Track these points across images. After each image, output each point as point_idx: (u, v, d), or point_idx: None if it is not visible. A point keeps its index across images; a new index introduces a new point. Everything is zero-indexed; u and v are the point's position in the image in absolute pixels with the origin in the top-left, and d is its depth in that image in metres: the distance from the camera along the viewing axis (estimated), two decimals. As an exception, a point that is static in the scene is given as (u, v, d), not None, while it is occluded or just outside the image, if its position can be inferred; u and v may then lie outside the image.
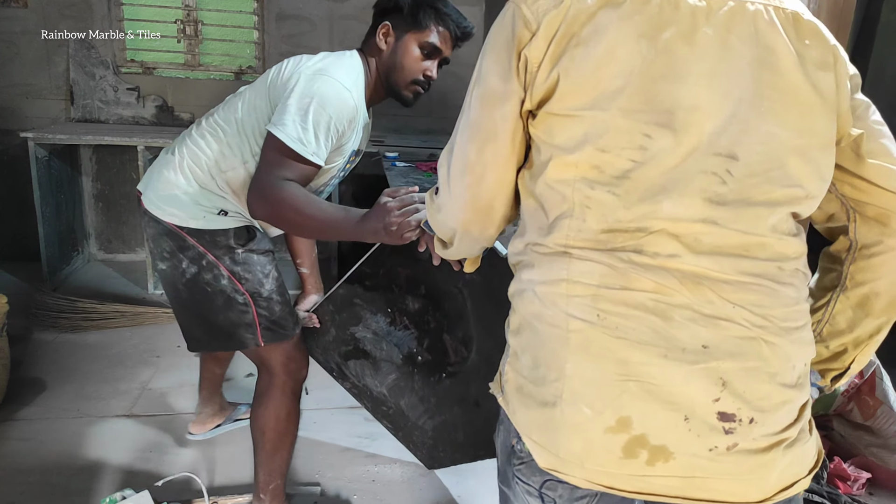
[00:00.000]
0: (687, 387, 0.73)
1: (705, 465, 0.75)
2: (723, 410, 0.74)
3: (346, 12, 3.85)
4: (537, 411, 0.80)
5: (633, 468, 0.75)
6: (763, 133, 0.76)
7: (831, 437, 2.24)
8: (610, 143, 0.75)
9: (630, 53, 0.74)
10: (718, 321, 0.74)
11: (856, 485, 2.06)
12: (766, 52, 0.76)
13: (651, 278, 0.74)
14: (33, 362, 2.70)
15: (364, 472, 2.12)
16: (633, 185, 0.75)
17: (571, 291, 0.77)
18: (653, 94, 0.74)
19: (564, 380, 0.77)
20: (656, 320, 0.74)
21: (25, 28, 3.61)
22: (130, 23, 3.73)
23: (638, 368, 0.74)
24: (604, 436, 0.75)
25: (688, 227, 0.74)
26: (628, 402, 0.74)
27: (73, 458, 2.09)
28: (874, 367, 2.17)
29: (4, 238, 3.82)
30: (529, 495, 0.84)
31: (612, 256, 0.76)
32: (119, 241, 4.05)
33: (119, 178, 3.93)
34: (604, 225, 0.76)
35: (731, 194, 0.74)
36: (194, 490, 1.93)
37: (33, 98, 3.73)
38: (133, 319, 3.13)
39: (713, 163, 0.74)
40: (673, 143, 0.74)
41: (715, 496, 0.76)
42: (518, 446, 0.84)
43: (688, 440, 0.74)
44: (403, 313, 1.82)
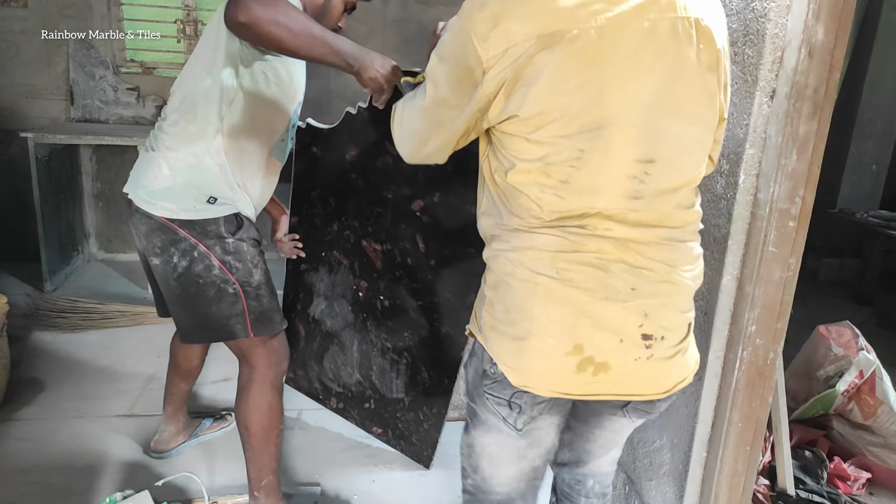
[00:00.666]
0: (622, 319, 1.02)
1: (631, 372, 1.05)
2: (645, 332, 1.04)
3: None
4: (510, 344, 1.07)
5: (583, 379, 1.04)
6: (674, 133, 1.00)
7: (831, 437, 2.24)
8: (554, 158, 0.98)
9: (564, 89, 0.94)
10: (641, 270, 1.02)
11: (856, 485, 2.06)
12: (677, 63, 0.96)
13: (593, 244, 1.01)
14: (33, 362, 2.70)
15: (364, 472, 2.12)
16: (572, 188, 0.99)
17: (536, 256, 1.03)
18: (584, 120, 0.95)
19: (533, 320, 1.04)
20: (599, 273, 1.01)
21: (25, 28, 3.61)
22: (130, 23, 3.73)
23: (587, 308, 1.02)
24: (563, 358, 1.03)
25: (616, 211, 1.00)
26: (580, 333, 1.02)
27: (73, 457, 2.09)
28: (874, 366, 2.17)
29: (4, 238, 3.82)
30: (499, 405, 1.13)
31: (564, 231, 1.02)
32: (119, 241, 4.05)
33: (119, 177, 3.93)
34: (554, 214, 1.02)
35: (647, 189, 1.00)
36: (194, 490, 1.94)
37: (33, 98, 3.73)
38: (133, 319, 3.13)
39: (634, 169, 0.99)
40: (602, 155, 0.97)
41: (634, 392, 1.08)
42: (491, 370, 1.11)
43: (621, 356, 1.04)
44: (335, 249, 2.07)
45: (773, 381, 1.45)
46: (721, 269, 1.42)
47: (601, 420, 1.25)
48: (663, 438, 1.68)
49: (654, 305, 1.04)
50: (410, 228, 1.88)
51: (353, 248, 2.02)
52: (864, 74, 4.27)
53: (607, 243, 1.01)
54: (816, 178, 1.32)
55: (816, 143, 1.29)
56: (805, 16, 1.22)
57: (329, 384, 2.28)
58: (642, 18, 0.94)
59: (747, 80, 1.33)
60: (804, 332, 2.50)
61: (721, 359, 1.47)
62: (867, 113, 4.30)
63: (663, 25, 0.95)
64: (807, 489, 2.00)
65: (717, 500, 1.52)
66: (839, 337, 2.32)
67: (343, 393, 2.26)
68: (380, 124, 1.74)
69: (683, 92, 0.98)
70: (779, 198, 1.31)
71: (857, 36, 4.30)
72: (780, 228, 1.33)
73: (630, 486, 1.87)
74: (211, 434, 2.24)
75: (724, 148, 1.41)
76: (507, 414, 1.13)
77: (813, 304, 3.94)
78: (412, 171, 1.79)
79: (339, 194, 1.98)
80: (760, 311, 1.38)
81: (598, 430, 1.29)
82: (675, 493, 1.61)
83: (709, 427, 1.52)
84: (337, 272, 2.10)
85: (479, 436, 1.21)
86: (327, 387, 2.29)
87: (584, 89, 0.94)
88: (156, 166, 1.57)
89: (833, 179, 4.42)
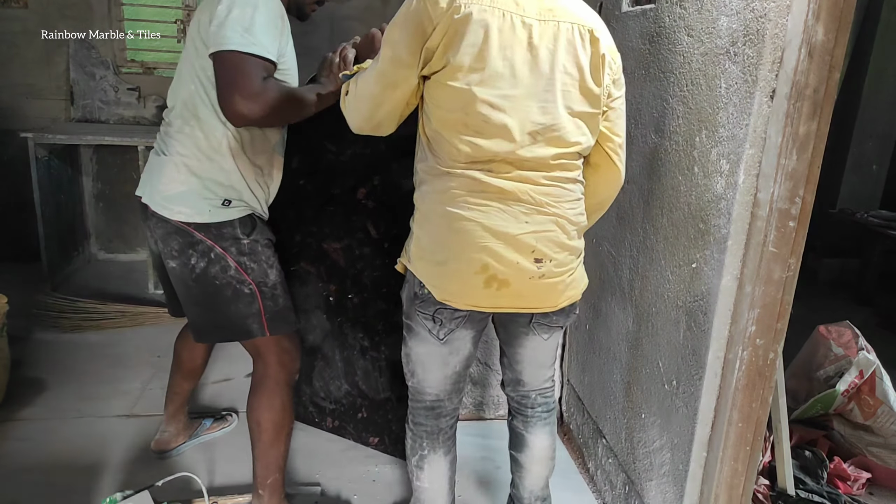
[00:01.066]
0: (518, 244, 1.31)
1: (527, 288, 1.34)
2: (537, 257, 1.32)
3: (347, 13, 3.85)
4: (434, 268, 1.37)
5: (489, 294, 1.34)
6: (560, 112, 1.28)
7: (831, 437, 2.24)
8: (470, 109, 1.24)
9: (489, 55, 1.21)
10: (535, 206, 1.31)
11: (856, 485, 2.06)
12: (569, 58, 1.27)
13: (496, 184, 1.29)
14: (33, 362, 2.70)
15: (364, 472, 2.12)
16: (482, 137, 1.26)
17: (452, 195, 1.31)
18: (498, 85, 1.23)
19: (449, 248, 1.33)
20: (502, 206, 1.30)
21: (25, 28, 3.61)
22: (130, 23, 3.73)
23: (492, 236, 1.30)
24: (473, 276, 1.32)
25: (516, 156, 1.28)
26: (486, 257, 1.30)
27: (73, 458, 2.09)
28: (874, 366, 2.17)
29: (4, 238, 3.82)
30: (426, 319, 1.43)
31: (474, 172, 1.29)
32: (119, 241, 4.05)
33: (119, 177, 3.93)
34: (469, 158, 1.29)
35: (542, 142, 1.28)
36: (194, 490, 1.94)
37: (33, 98, 3.73)
38: (133, 319, 3.13)
39: (532, 128, 1.27)
40: (505, 116, 1.25)
41: (531, 305, 1.39)
42: (420, 291, 1.41)
43: (518, 274, 1.32)
44: (301, 260, 2.12)
45: (773, 381, 1.45)
46: (721, 269, 1.42)
47: (518, 339, 1.56)
48: (663, 438, 1.68)
49: (543, 235, 1.32)
50: (360, 217, 1.97)
51: (317, 253, 2.08)
52: (864, 74, 4.27)
53: (509, 182, 1.29)
54: (816, 178, 1.32)
55: (816, 143, 1.29)
56: (805, 16, 1.22)
57: (321, 403, 2.30)
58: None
59: (747, 80, 1.33)
60: (804, 332, 2.50)
61: (721, 359, 1.47)
62: (867, 113, 4.30)
63: (567, 26, 1.28)
64: (807, 489, 2.00)
65: (717, 500, 1.52)
66: (839, 337, 2.32)
67: (336, 409, 2.27)
68: (318, 126, 1.78)
69: (570, 84, 1.30)
70: (779, 198, 1.31)
71: (857, 36, 4.30)
72: (780, 228, 1.33)
73: (630, 487, 1.87)
74: (211, 434, 2.24)
75: (724, 148, 1.41)
76: (431, 326, 1.44)
77: (813, 304, 3.94)
78: (352, 162, 1.91)
79: (295, 205, 2.02)
80: (760, 311, 1.38)
81: (519, 349, 1.59)
82: (675, 493, 1.61)
83: (709, 427, 1.52)
84: (307, 283, 2.14)
85: (414, 346, 1.52)
86: (321, 407, 2.31)
87: (502, 61, 1.24)
88: (169, 171, 1.58)
89: (833, 179, 4.42)
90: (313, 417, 2.34)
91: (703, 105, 1.50)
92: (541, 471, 1.70)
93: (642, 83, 1.80)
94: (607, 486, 2.04)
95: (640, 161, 1.81)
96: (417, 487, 1.64)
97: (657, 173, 1.72)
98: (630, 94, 1.87)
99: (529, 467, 1.70)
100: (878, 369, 2.17)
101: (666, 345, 1.67)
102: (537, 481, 1.71)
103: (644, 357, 1.80)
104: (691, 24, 1.55)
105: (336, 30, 3.87)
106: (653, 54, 1.74)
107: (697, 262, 1.52)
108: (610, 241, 2.03)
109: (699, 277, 1.51)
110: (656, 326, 1.73)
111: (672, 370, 1.64)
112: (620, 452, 1.96)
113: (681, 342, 1.60)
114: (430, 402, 1.57)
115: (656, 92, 1.72)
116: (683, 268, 1.59)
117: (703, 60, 1.49)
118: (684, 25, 1.58)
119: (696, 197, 1.52)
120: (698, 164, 1.51)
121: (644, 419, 1.80)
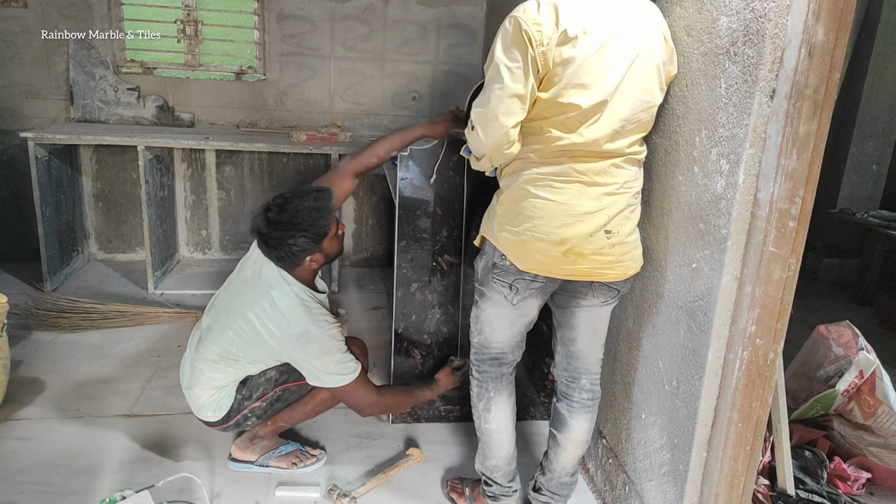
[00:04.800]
0: (593, 221, 1.52)
1: (599, 259, 1.56)
2: (608, 229, 1.54)
3: (347, 13, 3.85)
4: (516, 240, 1.58)
5: (567, 263, 1.56)
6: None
7: (831, 437, 2.24)
8: (571, 119, 1.47)
9: (585, 72, 1.43)
10: (607, 186, 1.53)
11: (856, 485, 2.06)
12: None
13: (578, 169, 1.51)
14: (33, 362, 2.70)
15: (364, 472, 2.12)
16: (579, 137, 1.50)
17: (537, 179, 1.54)
18: (591, 97, 1.44)
19: (534, 225, 1.54)
20: (579, 191, 1.52)
21: (25, 28, 3.61)
22: (130, 23, 3.73)
23: (571, 215, 1.52)
24: (552, 248, 1.54)
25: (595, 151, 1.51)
26: (565, 231, 1.52)
27: (72, 458, 2.09)
28: (874, 366, 2.17)
29: (4, 238, 3.82)
30: (503, 286, 1.65)
31: (559, 161, 1.53)
32: (119, 241, 4.05)
33: (119, 178, 3.93)
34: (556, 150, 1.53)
35: (617, 136, 1.50)
36: (194, 490, 1.94)
37: (33, 98, 3.73)
38: (133, 319, 3.13)
39: (616, 125, 1.48)
40: (599, 118, 1.47)
41: (602, 277, 1.60)
42: (500, 262, 1.63)
43: (592, 247, 1.54)
44: (445, 253, 2.28)
45: (773, 381, 1.45)
46: (721, 269, 1.42)
47: (576, 299, 1.70)
48: (663, 438, 1.68)
49: (615, 214, 1.54)
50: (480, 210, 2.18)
51: (459, 246, 2.27)
52: (864, 74, 4.27)
53: (586, 169, 1.51)
54: (816, 178, 1.32)
55: (816, 143, 1.29)
56: (805, 16, 1.22)
57: (450, 394, 2.37)
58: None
59: (747, 80, 1.33)
60: (804, 332, 2.50)
61: (721, 359, 1.47)
62: (867, 113, 4.30)
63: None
64: (807, 489, 2.00)
65: (717, 500, 1.52)
66: (839, 337, 2.32)
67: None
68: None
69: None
70: (779, 198, 1.31)
71: (857, 36, 4.30)
72: (780, 228, 1.33)
73: (630, 486, 1.87)
74: (276, 469, 2.11)
75: (724, 148, 1.41)
76: (507, 293, 1.65)
77: (813, 304, 3.94)
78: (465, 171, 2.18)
79: (445, 201, 2.22)
80: (760, 311, 1.38)
81: (576, 311, 1.72)
82: (675, 493, 1.61)
83: (709, 427, 1.52)
84: (448, 276, 2.29)
85: (486, 308, 1.74)
86: (448, 397, 2.39)
87: (590, 76, 1.45)
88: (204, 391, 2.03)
89: (833, 179, 4.42)
90: (440, 413, 2.43)
91: (703, 105, 1.50)
92: (575, 451, 1.83)
93: (642, 83, 1.80)
94: (607, 487, 2.04)
95: (640, 161, 1.81)
96: (485, 431, 1.83)
97: (657, 173, 1.72)
98: (630, 94, 1.87)
99: (566, 446, 1.82)
100: (878, 369, 2.17)
101: (666, 345, 1.67)
102: (570, 460, 1.84)
103: (644, 357, 1.80)
104: (691, 24, 1.55)
105: (336, 30, 3.87)
106: (653, 54, 1.74)
107: (697, 262, 1.52)
108: (610, 241, 2.03)
109: (699, 277, 1.51)
110: (656, 326, 1.73)
111: (672, 370, 1.64)
112: (620, 452, 1.96)
113: (681, 342, 1.60)
114: (496, 354, 1.79)
115: (656, 92, 1.72)
116: (683, 268, 1.58)
117: (703, 60, 1.49)
118: (684, 25, 1.58)
119: (696, 197, 1.52)
120: (698, 164, 1.51)
121: (644, 419, 1.80)
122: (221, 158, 3.98)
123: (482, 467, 1.89)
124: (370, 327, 3.28)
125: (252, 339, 1.90)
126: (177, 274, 3.87)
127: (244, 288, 1.94)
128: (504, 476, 1.87)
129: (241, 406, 1.98)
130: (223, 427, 2.02)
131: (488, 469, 1.87)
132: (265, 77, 3.92)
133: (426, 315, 2.31)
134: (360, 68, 3.96)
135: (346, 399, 1.95)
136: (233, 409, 1.97)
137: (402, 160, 2.12)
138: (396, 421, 2.39)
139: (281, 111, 3.98)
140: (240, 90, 3.91)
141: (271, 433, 2.10)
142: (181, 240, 4.09)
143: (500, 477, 1.87)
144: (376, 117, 4.06)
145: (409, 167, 2.15)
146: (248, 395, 1.98)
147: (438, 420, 2.42)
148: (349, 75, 3.97)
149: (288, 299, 1.88)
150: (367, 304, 3.62)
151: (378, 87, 4.01)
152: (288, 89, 3.95)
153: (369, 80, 3.99)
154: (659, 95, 1.53)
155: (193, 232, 4.10)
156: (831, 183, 4.42)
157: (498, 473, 1.87)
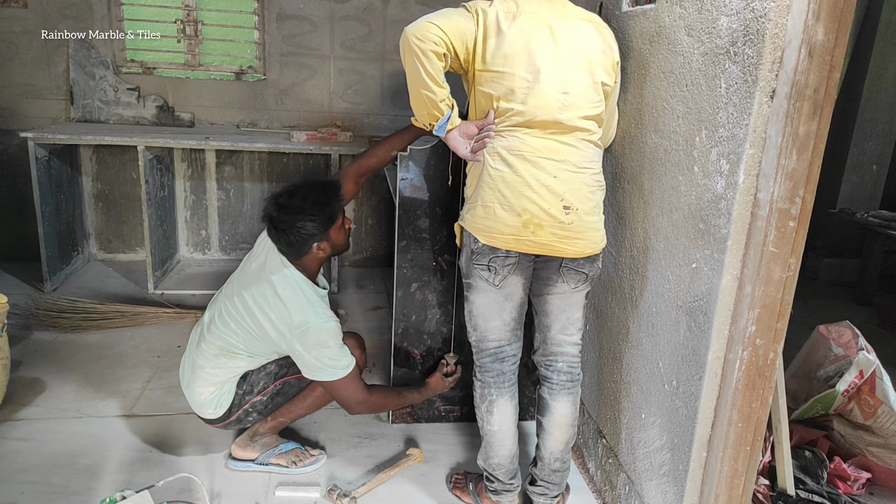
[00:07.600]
0: (550, 195, 1.64)
1: (558, 232, 1.67)
2: (565, 205, 1.65)
3: (347, 13, 3.85)
4: (481, 213, 1.69)
5: (527, 235, 1.66)
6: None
7: (831, 437, 2.24)
8: (516, 90, 1.63)
9: (519, 44, 1.62)
10: (562, 163, 1.65)
11: (856, 485, 2.06)
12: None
13: (531, 144, 1.65)
14: (33, 362, 2.70)
15: (364, 472, 2.12)
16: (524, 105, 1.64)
17: (494, 154, 1.68)
18: (530, 64, 1.62)
19: (494, 198, 1.67)
20: (534, 164, 1.64)
21: (25, 28, 3.61)
22: (130, 23, 3.73)
23: (528, 186, 1.64)
24: (514, 218, 1.66)
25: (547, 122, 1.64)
26: (525, 203, 1.64)
27: (73, 458, 2.09)
28: (874, 366, 2.17)
29: (4, 238, 3.82)
30: (482, 270, 1.75)
31: (513, 135, 1.67)
32: (119, 241, 4.05)
33: (119, 177, 3.93)
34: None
35: (567, 109, 1.64)
36: (194, 490, 1.94)
37: (33, 98, 3.73)
38: (133, 319, 3.13)
39: (559, 96, 1.63)
40: (539, 87, 1.62)
41: (559, 252, 1.70)
42: (475, 246, 1.73)
43: (550, 219, 1.65)
44: (445, 253, 2.28)
45: (773, 381, 1.45)
46: (721, 269, 1.42)
47: (549, 285, 1.80)
48: (663, 438, 1.68)
49: (571, 187, 1.65)
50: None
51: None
52: (864, 74, 4.27)
53: (541, 143, 1.64)
54: (816, 178, 1.32)
55: (816, 143, 1.29)
56: (805, 16, 1.22)
57: (450, 394, 2.38)
58: None
59: (747, 80, 1.33)
60: (804, 332, 2.50)
61: (721, 359, 1.47)
62: (867, 113, 4.30)
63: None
64: (807, 489, 2.00)
65: (717, 499, 1.52)
66: (839, 337, 2.32)
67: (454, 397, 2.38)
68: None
69: None
70: (779, 198, 1.31)
71: (857, 36, 4.30)
72: (780, 228, 1.33)
73: (630, 487, 1.87)
74: (276, 467, 2.08)
75: (724, 148, 1.41)
76: (487, 276, 1.75)
77: (813, 304, 3.94)
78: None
79: (444, 201, 2.21)
80: (760, 311, 1.38)
81: (548, 297, 1.81)
82: (675, 493, 1.61)
83: (709, 427, 1.52)
84: (448, 276, 2.29)
85: (474, 299, 1.81)
86: (448, 397, 2.40)
87: (530, 47, 1.63)
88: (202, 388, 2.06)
89: (833, 179, 4.42)
90: (440, 413, 2.44)
91: (703, 105, 1.50)
92: (561, 436, 1.87)
93: (642, 83, 1.80)
94: (607, 486, 2.04)
95: (640, 161, 1.81)
96: (488, 432, 1.88)
97: (657, 173, 1.72)
98: (630, 94, 1.87)
99: (552, 431, 1.87)
100: (878, 369, 2.17)
101: (666, 345, 1.67)
102: (557, 444, 1.88)
103: (644, 357, 1.80)
104: (691, 24, 1.55)
105: (336, 30, 3.87)
106: (653, 54, 1.74)
107: (697, 262, 1.52)
108: (610, 241, 2.03)
109: (699, 277, 1.51)
110: (656, 326, 1.73)
111: (672, 370, 1.64)
112: (620, 452, 1.96)
113: (681, 342, 1.60)
114: (494, 349, 1.85)
115: (656, 92, 1.72)
116: (683, 268, 1.58)
117: (703, 60, 1.49)
118: (684, 25, 1.58)
119: (696, 197, 1.52)
120: (698, 164, 1.51)
121: (644, 419, 1.80)
122: (221, 158, 3.98)
123: (485, 464, 1.92)
124: (370, 327, 3.28)
125: (253, 329, 1.92)
126: (177, 274, 3.87)
127: (248, 280, 1.96)
128: (506, 473, 1.90)
129: (243, 401, 1.99)
130: (224, 424, 2.02)
131: (491, 466, 1.91)
132: (265, 77, 3.92)
133: (426, 315, 2.31)
134: (359, 68, 3.96)
135: (336, 394, 1.97)
136: (234, 405, 1.98)
137: (402, 160, 2.12)
138: (397, 421, 2.39)
139: (281, 111, 3.98)
140: (240, 90, 3.91)
141: (271, 430, 2.11)
142: (181, 240, 4.09)
143: (503, 474, 1.90)
144: (376, 117, 4.06)
145: (409, 167, 2.15)
146: (248, 390, 1.99)
147: (438, 420, 2.42)
148: (349, 75, 3.97)
149: (290, 290, 1.90)
150: (366, 304, 3.62)
151: (378, 87, 4.01)
152: (288, 89, 3.95)
153: (369, 80, 3.99)
154: (604, 76, 1.69)
155: (193, 232, 4.11)
156: (831, 183, 4.41)
157: (500, 471, 1.89)
